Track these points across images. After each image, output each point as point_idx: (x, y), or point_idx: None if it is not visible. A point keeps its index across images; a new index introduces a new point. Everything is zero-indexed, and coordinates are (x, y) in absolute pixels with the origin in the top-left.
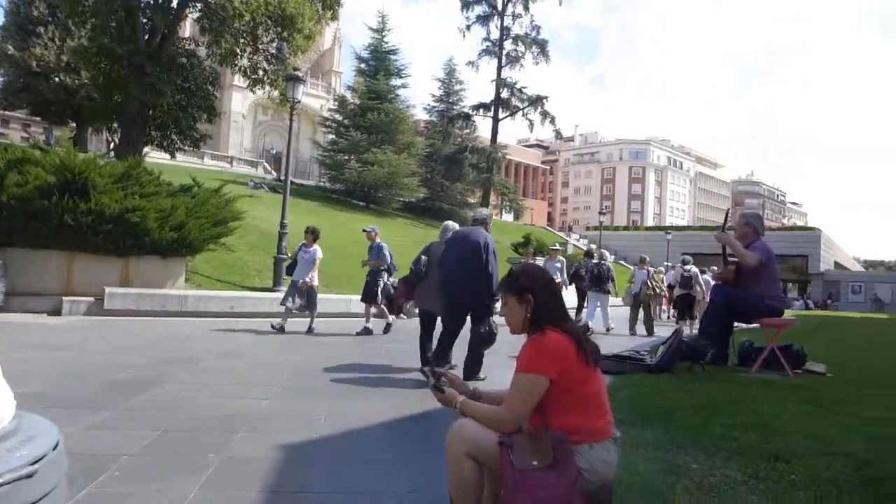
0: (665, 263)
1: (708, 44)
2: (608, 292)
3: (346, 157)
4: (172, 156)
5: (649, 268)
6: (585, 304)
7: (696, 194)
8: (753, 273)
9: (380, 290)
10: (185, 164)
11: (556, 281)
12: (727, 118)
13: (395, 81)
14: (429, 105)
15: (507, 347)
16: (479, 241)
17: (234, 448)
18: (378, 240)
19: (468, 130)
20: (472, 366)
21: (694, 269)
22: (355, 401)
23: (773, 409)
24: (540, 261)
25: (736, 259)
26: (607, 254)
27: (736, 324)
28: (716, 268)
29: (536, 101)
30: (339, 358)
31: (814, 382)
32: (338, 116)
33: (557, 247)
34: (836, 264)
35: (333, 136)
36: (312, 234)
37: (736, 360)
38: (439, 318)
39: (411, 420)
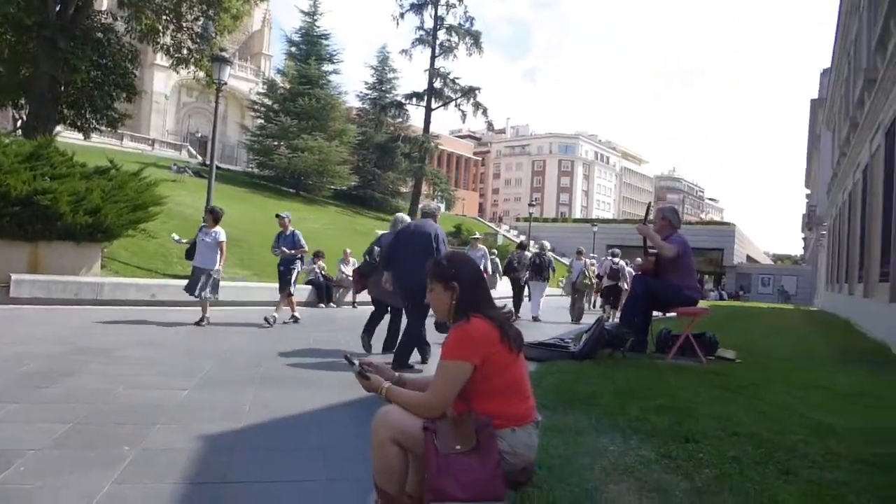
0: (591, 255)
1: (636, 43)
2: (546, 279)
3: (276, 143)
4: (87, 136)
5: (586, 259)
6: (527, 295)
7: (622, 188)
8: (671, 264)
9: (293, 279)
10: (101, 146)
11: None
12: (652, 116)
13: (327, 67)
14: (361, 92)
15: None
16: (429, 232)
17: (152, 440)
18: (291, 227)
19: (401, 119)
20: (406, 353)
21: (621, 261)
22: (281, 390)
23: (687, 393)
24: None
25: (655, 251)
26: (547, 245)
27: (655, 313)
28: (640, 259)
29: (469, 92)
30: (265, 347)
31: (724, 368)
32: (267, 101)
33: (478, 235)
34: (748, 258)
35: (262, 121)
36: (213, 215)
37: (654, 347)
38: (403, 310)
39: (337, 408)
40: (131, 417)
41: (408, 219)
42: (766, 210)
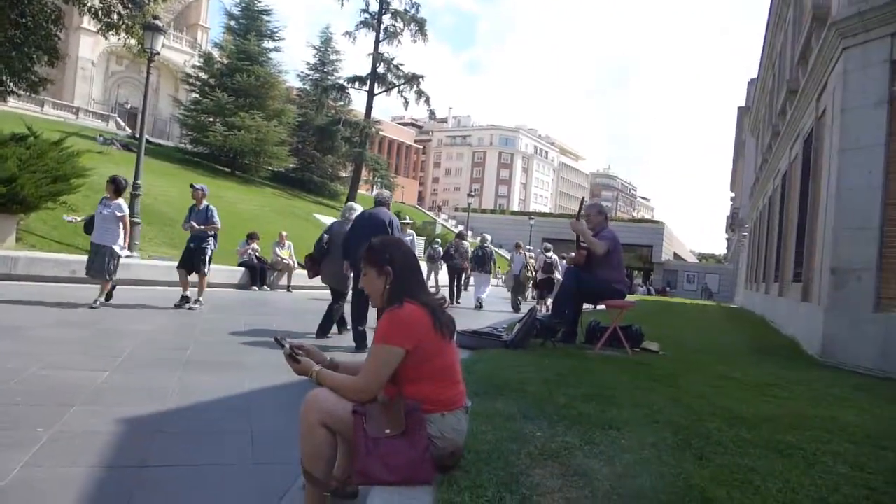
0: (528, 247)
1: (577, 41)
2: (490, 272)
3: (211, 119)
4: (3, 99)
5: (525, 252)
6: (463, 283)
7: (559, 183)
8: (601, 259)
9: (208, 258)
10: (19, 111)
11: None
12: (590, 113)
13: (268, 44)
14: (302, 73)
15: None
16: (384, 220)
17: (68, 422)
18: (205, 202)
19: (342, 103)
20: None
21: (554, 255)
22: (208, 373)
23: (612, 382)
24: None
25: (587, 246)
26: (489, 237)
27: (585, 305)
28: (573, 254)
29: (413, 79)
30: (192, 330)
31: (648, 359)
32: (203, 75)
33: (407, 220)
34: (676, 255)
35: (197, 96)
36: (114, 185)
37: (583, 338)
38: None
39: (266, 391)
40: (46, 399)
41: (360, 207)
42: (693, 210)
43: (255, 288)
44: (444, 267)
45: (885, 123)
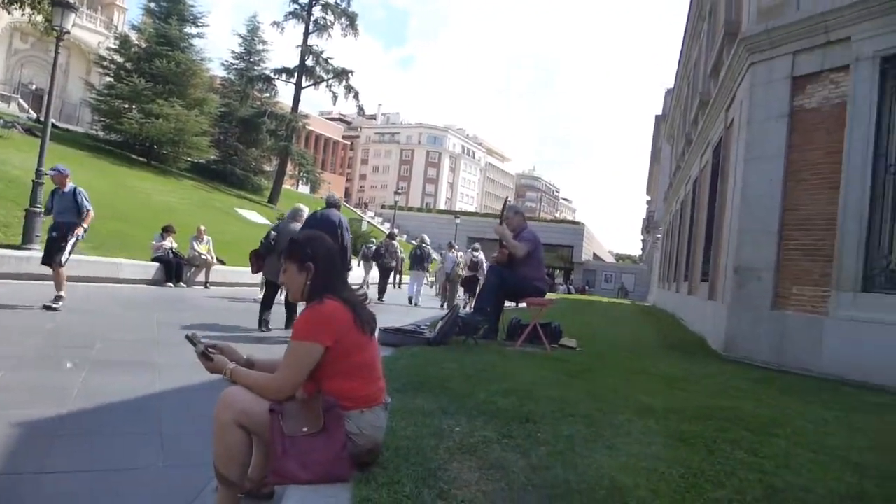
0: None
1: (507, 42)
2: (427, 270)
3: (126, 106)
4: None
5: (457, 251)
6: (397, 281)
7: (485, 183)
8: (523, 258)
9: (69, 249)
10: None
11: None
12: (519, 115)
13: (190, 29)
14: (227, 62)
15: None
16: (335, 220)
17: None
18: (71, 183)
19: (268, 94)
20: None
21: (481, 255)
22: (115, 373)
23: (531, 377)
24: None
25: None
26: (427, 238)
27: (507, 303)
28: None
29: (342, 73)
30: (99, 328)
31: (566, 355)
32: (118, 58)
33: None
34: (595, 255)
35: (112, 80)
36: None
37: (504, 335)
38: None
39: (178, 392)
40: None
41: (306, 209)
42: (612, 212)
43: (171, 284)
44: (374, 266)
45: (786, 135)
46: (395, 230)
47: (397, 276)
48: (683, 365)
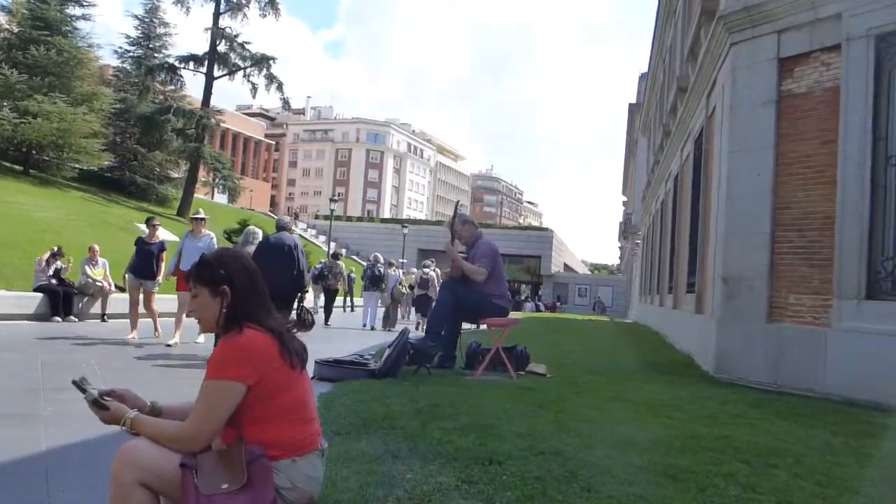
0: (401, 260)
1: (453, 25)
2: (383, 290)
3: None
4: None
5: (399, 269)
6: (349, 304)
7: (436, 186)
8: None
9: None
10: None
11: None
12: (470, 108)
13: (73, 10)
14: (121, 48)
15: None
16: (289, 244)
17: None
18: None
19: (173, 87)
20: None
21: (432, 272)
22: None
23: (494, 410)
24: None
25: (464, 253)
26: (381, 257)
27: (465, 325)
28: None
29: (262, 61)
30: None
31: (534, 383)
32: None
33: (202, 214)
34: (566, 266)
35: None
36: None
37: (463, 362)
38: None
39: (68, 449)
40: None
41: (260, 232)
42: (585, 216)
43: (58, 319)
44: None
45: (774, 124)
46: (343, 251)
47: (349, 299)
48: (669, 389)
